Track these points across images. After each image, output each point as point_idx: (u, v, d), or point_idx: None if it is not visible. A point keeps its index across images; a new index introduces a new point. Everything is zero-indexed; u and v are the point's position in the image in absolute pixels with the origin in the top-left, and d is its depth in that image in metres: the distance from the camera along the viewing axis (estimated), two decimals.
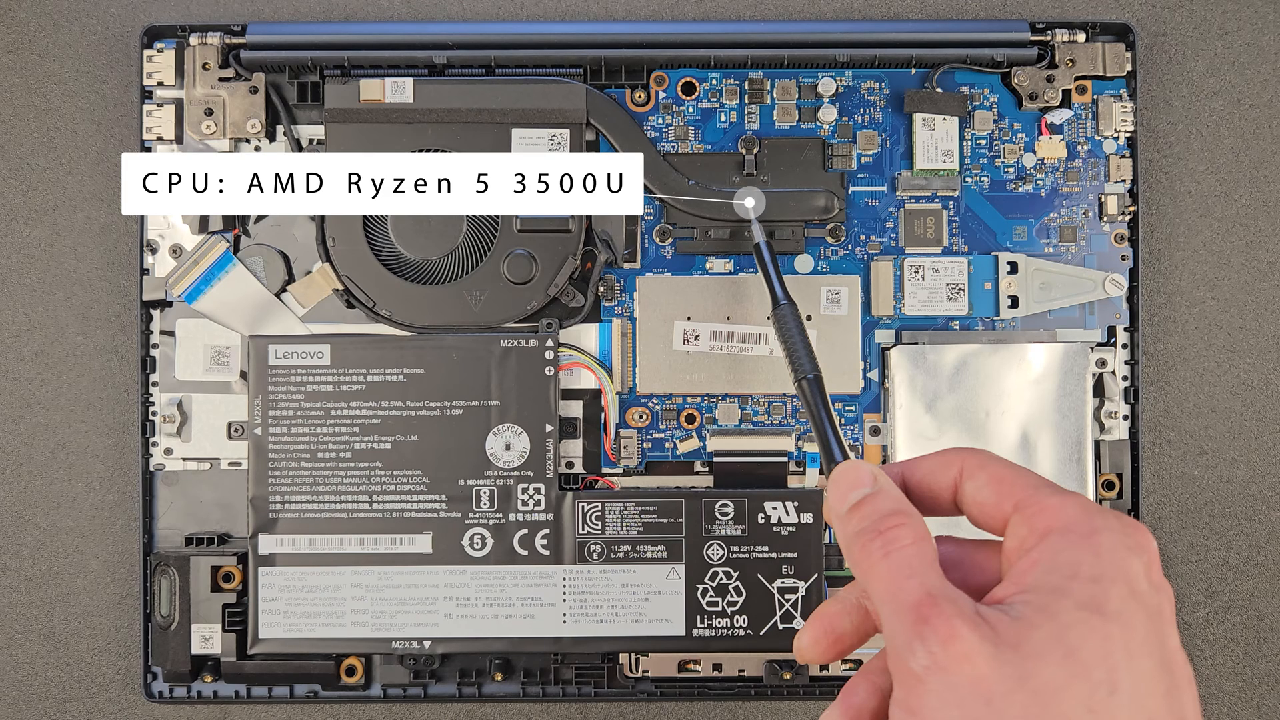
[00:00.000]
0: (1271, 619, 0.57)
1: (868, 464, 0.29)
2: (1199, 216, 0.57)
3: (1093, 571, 0.24)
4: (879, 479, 0.28)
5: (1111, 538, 0.25)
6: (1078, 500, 0.26)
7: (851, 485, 0.28)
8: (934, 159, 0.54)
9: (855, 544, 0.27)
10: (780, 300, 0.45)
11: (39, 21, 0.56)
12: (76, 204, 0.56)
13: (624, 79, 0.54)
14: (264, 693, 0.54)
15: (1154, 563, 0.25)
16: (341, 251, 0.54)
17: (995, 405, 0.53)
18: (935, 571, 0.26)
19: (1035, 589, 0.24)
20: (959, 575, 0.28)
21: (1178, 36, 0.57)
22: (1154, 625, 0.24)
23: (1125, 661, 0.23)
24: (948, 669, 0.24)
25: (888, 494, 0.28)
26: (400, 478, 0.53)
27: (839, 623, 0.29)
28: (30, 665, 0.56)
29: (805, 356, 0.41)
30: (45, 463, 0.56)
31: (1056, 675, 0.23)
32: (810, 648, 0.29)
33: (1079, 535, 0.25)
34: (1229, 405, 0.56)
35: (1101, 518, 0.25)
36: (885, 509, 0.27)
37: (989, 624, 0.24)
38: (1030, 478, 0.27)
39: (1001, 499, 0.27)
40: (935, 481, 0.29)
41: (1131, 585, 0.24)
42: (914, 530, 0.27)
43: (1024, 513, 0.26)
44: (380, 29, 0.54)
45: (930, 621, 0.24)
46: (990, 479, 0.27)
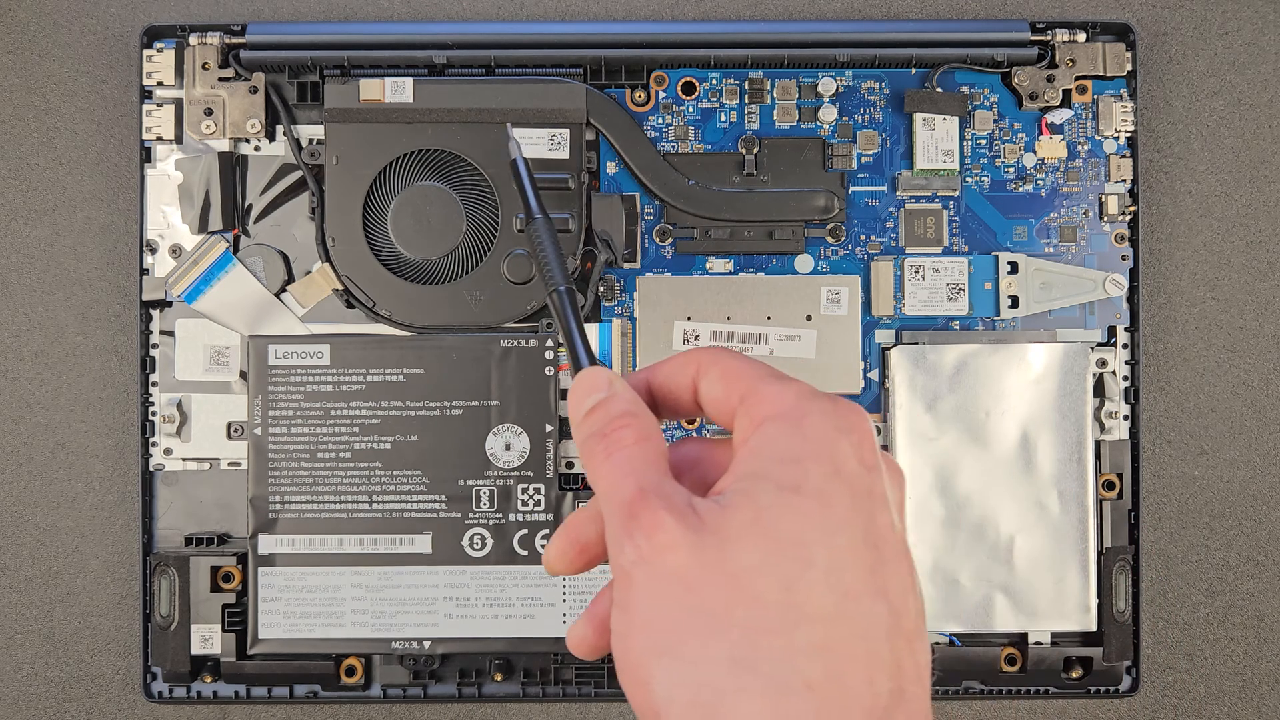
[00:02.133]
0: (1272, 619, 0.56)
1: (606, 370, 0.29)
2: (1199, 216, 0.57)
3: (796, 453, 0.24)
4: (614, 384, 0.28)
5: (820, 419, 0.25)
6: (795, 386, 0.26)
7: (589, 390, 0.28)
8: (934, 159, 0.54)
9: (584, 447, 0.27)
10: (535, 214, 0.46)
11: (39, 21, 0.56)
12: (76, 204, 0.56)
13: (624, 79, 0.54)
14: (264, 693, 0.54)
15: (865, 442, 0.25)
16: (341, 251, 0.54)
17: (995, 405, 0.53)
18: (655, 469, 0.26)
19: (744, 475, 0.25)
20: (700, 473, 0.28)
21: (1178, 36, 0.57)
22: (860, 503, 0.24)
23: (822, 538, 0.23)
24: (651, 561, 0.24)
25: (620, 397, 0.28)
26: (400, 478, 0.53)
27: (585, 531, 0.28)
28: (30, 665, 0.56)
29: (558, 269, 0.41)
30: (45, 463, 0.56)
31: (752, 556, 0.23)
32: (558, 559, 0.28)
33: (790, 420, 0.25)
34: (1229, 405, 0.56)
35: (813, 400, 0.25)
36: (616, 411, 0.27)
37: (697, 514, 0.24)
38: (758, 369, 0.27)
39: (730, 393, 0.27)
40: (675, 383, 0.28)
41: (837, 465, 0.24)
42: (638, 430, 0.27)
43: (746, 403, 0.26)
44: (380, 29, 0.54)
45: (638, 517, 0.24)
46: (721, 374, 0.27)
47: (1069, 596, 0.53)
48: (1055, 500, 0.53)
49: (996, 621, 0.53)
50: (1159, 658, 0.56)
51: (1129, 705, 0.56)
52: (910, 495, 0.53)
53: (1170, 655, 0.56)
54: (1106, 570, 0.53)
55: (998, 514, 0.53)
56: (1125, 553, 0.54)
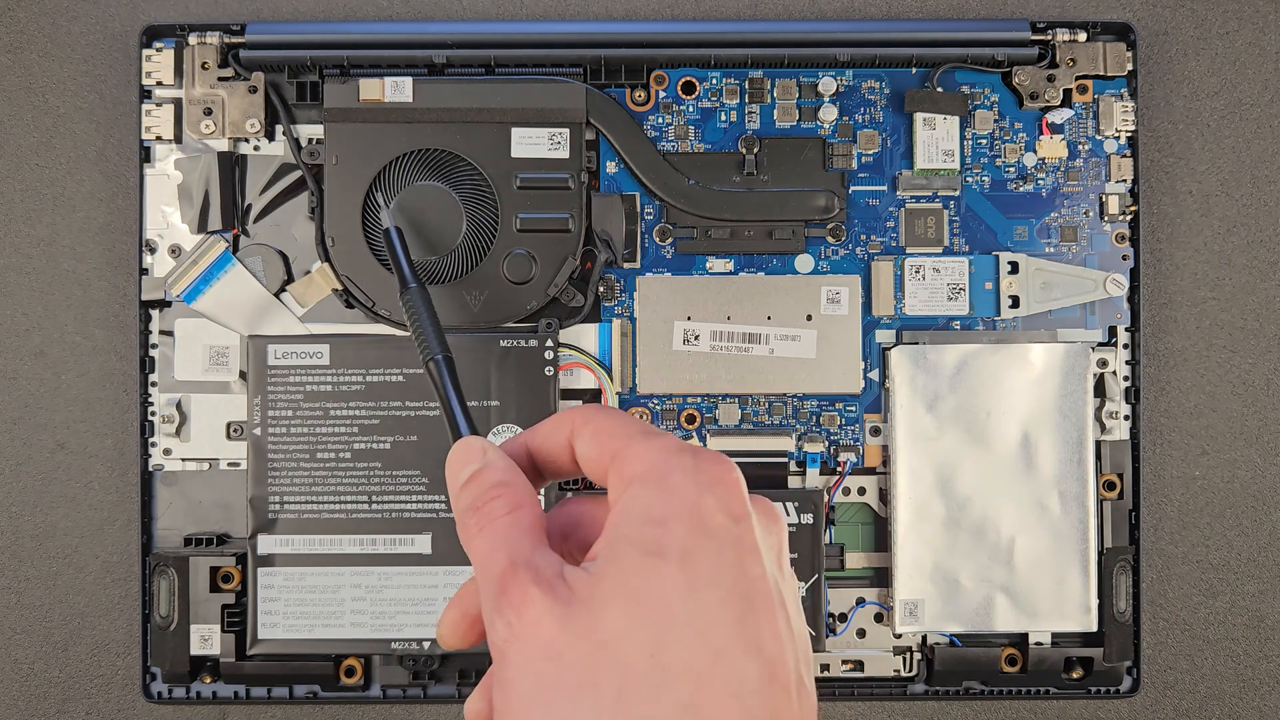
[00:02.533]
0: (1272, 620, 0.56)
1: (480, 440, 0.28)
2: (1200, 216, 0.56)
3: (659, 513, 0.24)
4: (488, 453, 0.28)
5: (683, 477, 0.24)
6: (661, 443, 0.25)
7: (464, 462, 0.28)
8: (934, 158, 0.54)
9: (459, 521, 0.27)
10: (410, 283, 0.46)
11: (38, 21, 0.56)
12: (75, 204, 0.56)
13: (624, 78, 0.54)
14: (263, 693, 0.54)
15: (732, 493, 0.24)
16: (340, 251, 0.54)
17: (996, 405, 0.53)
18: (528, 539, 0.25)
19: (613, 540, 0.24)
20: (582, 534, 0.28)
21: (1179, 36, 0.57)
22: (728, 556, 0.24)
23: (685, 598, 0.23)
24: (522, 637, 0.23)
25: (494, 466, 0.27)
26: (400, 478, 0.53)
27: (474, 603, 0.28)
28: (29, 665, 0.56)
29: (434, 337, 0.41)
30: (44, 463, 0.56)
31: (618, 623, 0.23)
32: (450, 631, 0.28)
33: (654, 479, 0.24)
34: (1230, 405, 0.56)
35: (678, 457, 0.25)
36: (489, 482, 0.27)
37: (568, 585, 0.24)
38: (628, 426, 0.26)
39: (602, 452, 0.26)
40: (552, 445, 0.28)
41: (703, 521, 0.24)
42: (510, 500, 0.26)
43: (616, 462, 0.26)
44: (380, 28, 0.54)
45: (508, 592, 0.24)
46: (594, 433, 0.27)
47: (1069, 597, 0.52)
48: (1056, 500, 0.52)
49: (997, 622, 0.53)
50: (1159, 658, 0.56)
51: (1130, 706, 0.56)
52: (910, 495, 0.53)
53: (1171, 656, 0.56)
54: (1107, 570, 0.53)
55: (998, 514, 0.52)
56: (1126, 553, 0.54)
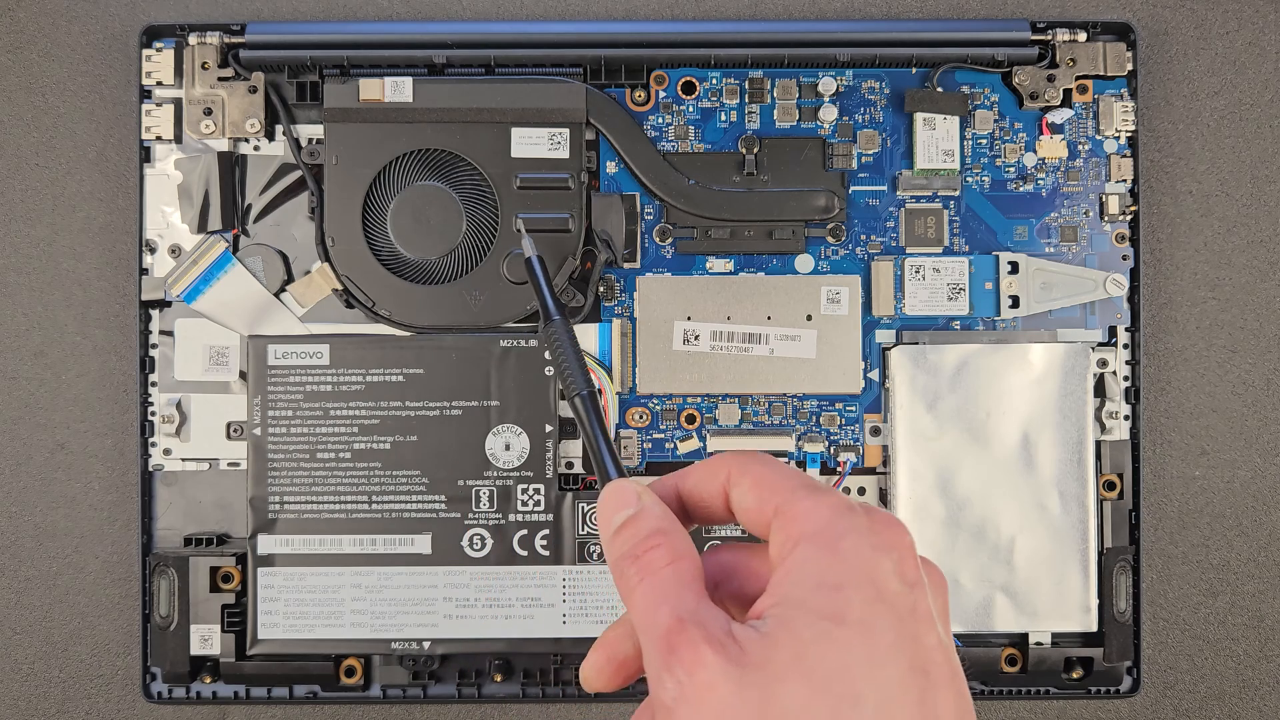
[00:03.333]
0: (1273, 620, 0.56)
1: (634, 482, 0.28)
2: (1200, 216, 0.56)
3: (835, 579, 0.23)
4: (643, 497, 0.27)
5: (856, 539, 0.24)
6: (830, 501, 0.25)
7: (617, 507, 0.27)
8: (935, 158, 0.54)
9: (616, 569, 0.26)
10: (553, 315, 0.44)
11: (38, 21, 0.56)
12: (75, 204, 0.56)
13: (624, 78, 0.54)
14: (263, 693, 0.54)
15: (906, 559, 0.24)
16: (341, 251, 0.54)
17: (996, 405, 0.53)
18: (691, 592, 0.25)
19: (784, 602, 0.24)
20: (735, 585, 0.27)
21: (1179, 36, 0.57)
22: (905, 627, 0.23)
23: (868, 672, 0.22)
24: (694, 699, 0.23)
25: (649, 512, 0.27)
26: (400, 478, 0.53)
27: (621, 647, 0.28)
28: (29, 665, 0.56)
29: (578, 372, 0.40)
30: (44, 463, 0.56)
31: (797, 695, 0.22)
32: (595, 676, 0.28)
33: (825, 540, 0.24)
34: (1230, 405, 0.56)
35: (849, 519, 0.24)
36: (646, 530, 0.26)
37: (738, 644, 0.23)
38: (790, 480, 0.26)
39: (763, 504, 0.26)
40: (705, 491, 0.28)
41: (879, 588, 0.23)
42: (671, 550, 0.26)
43: (781, 518, 0.25)
44: (380, 28, 0.54)
45: (677, 650, 0.23)
46: (753, 484, 0.26)
47: (1070, 597, 0.52)
48: (1056, 500, 0.52)
49: (997, 622, 0.52)
50: (1160, 658, 0.56)
51: (1130, 706, 0.56)
52: (910, 495, 0.53)
53: (1171, 656, 0.56)
54: (1107, 570, 0.53)
55: (998, 514, 0.52)
56: (1126, 553, 0.54)
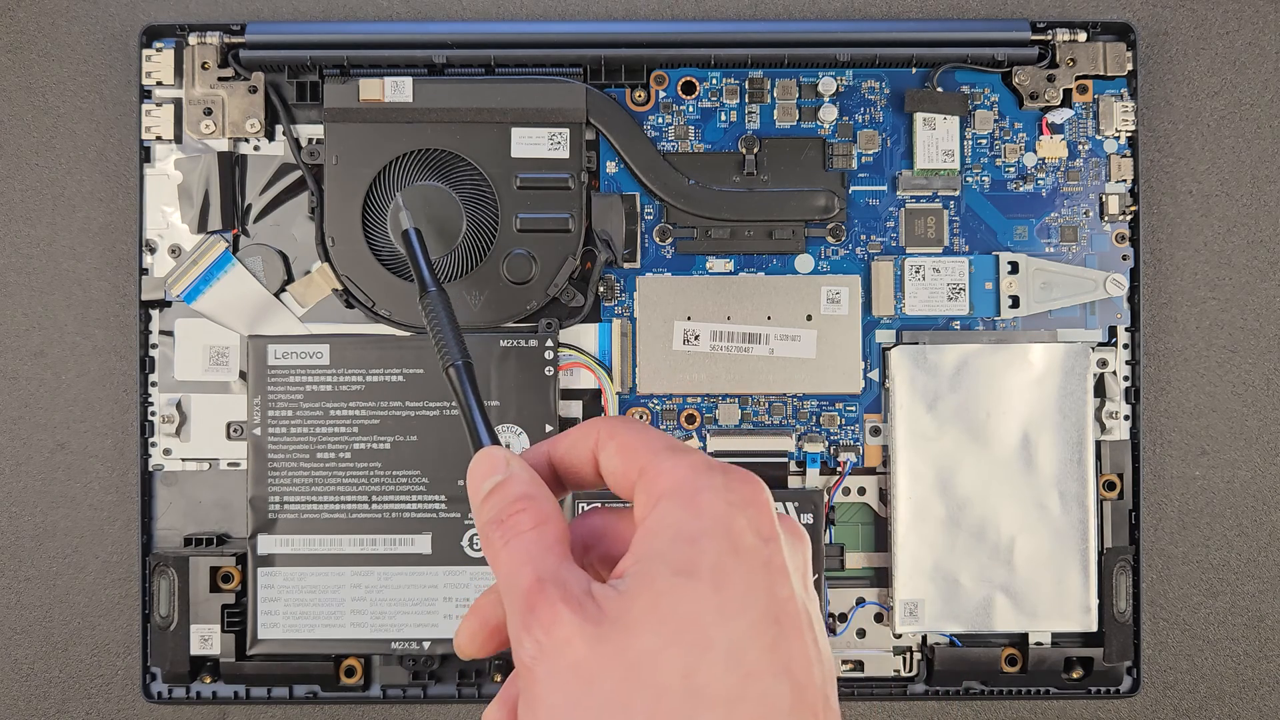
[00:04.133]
0: (1272, 620, 0.56)
1: (502, 450, 0.28)
2: (1200, 216, 0.56)
3: (691, 532, 0.24)
4: (511, 464, 0.28)
5: (713, 495, 0.24)
6: (690, 460, 0.25)
7: (486, 473, 0.28)
8: (935, 158, 0.54)
9: (483, 533, 0.27)
10: (429, 287, 0.45)
11: (38, 21, 0.56)
12: (75, 204, 0.56)
13: (624, 78, 0.54)
14: (263, 693, 0.54)
15: (761, 514, 0.25)
16: (340, 251, 0.54)
17: (996, 405, 0.53)
18: (553, 554, 0.25)
19: (642, 558, 0.24)
20: (604, 548, 0.28)
21: (1179, 36, 0.57)
22: (757, 578, 0.24)
23: (719, 620, 0.23)
24: (551, 655, 0.23)
25: (516, 478, 0.27)
26: (400, 478, 0.53)
27: (493, 613, 0.28)
28: (29, 666, 0.56)
29: (454, 342, 0.41)
30: (44, 463, 0.56)
31: (651, 644, 0.23)
32: (469, 642, 0.28)
33: (684, 497, 0.25)
34: (1230, 405, 0.56)
35: (707, 475, 0.25)
36: (512, 495, 0.27)
37: (596, 603, 0.24)
38: (655, 442, 0.26)
39: (629, 466, 0.26)
40: (575, 456, 0.28)
41: (734, 541, 0.24)
42: (536, 514, 0.26)
43: (644, 478, 0.26)
44: (380, 28, 0.54)
45: (535, 610, 0.24)
46: (619, 447, 0.27)
47: (1070, 597, 0.52)
48: (1056, 500, 0.52)
49: (997, 622, 0.52)
50: (1159, 658, 0.56)
51: (1130, 706, 0.56)
52: (910, 495, 0.53)
53: (1171, 656, 0.56)
54: (1107, 570, 0.53)
55: (998, 514, 0.52)
56: (1126, 553, 0.54)
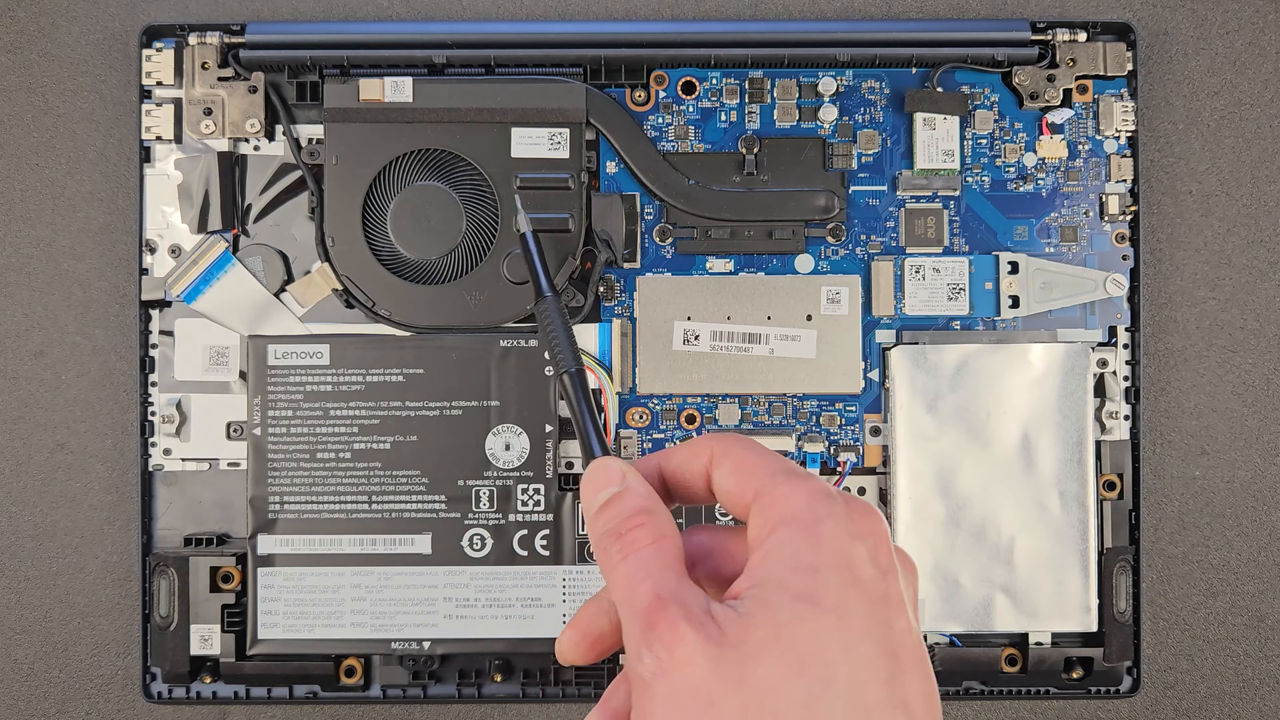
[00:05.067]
0: (1273, 620, 0.56)
1: (618, 461, 0.28)
2: (1200, 216, 0.56)
3: (811, 561, 0.24)
4: (627, 476, 0.28)
5: (834, 525, 0.25)
6: (808, 487, 0.26)
7: (600, 484, 0.28)
8: (935, 158, 0.54)
9: (599, 546, 0.27)
10: (545, 292, 0.45)
11: (38, 21, 0.56)
12: (75, 204, 0.56)
13: (624, 78, 0.54)
14: (263, 693, 0.54)
15: (880, 546, 0.25)
16: (341, 251, 0.54)
17: (996, 405, 0.53)
18: (672, 571, 0.25)
19: (761, 583, 0.24)
20: (712, 565, 0.28)
21: (1179, 36, 0.57)
22: (876, 611, 0.24)
23: (841, 653, 0.23)
24: (671, 674, 0.23)
25: (633, 491, 0.27)
26: (400, 478, 0.53)
27: (597, 623, 0.28)
28: (29, 666, 0.56)
29: (568, 350, 0.41)
30: (44, 463, 0.56)
31: (773, 673, 0.23)
32: (571, 650, 0.28)
33: (803, 525, 0.25)
34: (1230, 405, 0.56)
35: (827, 505, 0.25)
36: (630, 508, 0.27)
37: (716, 623, 0.24)
38: (770, 464, 0.26)
39: (743, 487, 0.27)
40: (687, 472, 0.28)
41: (854, 573, 0.24)
42: (654, 529, 0.26)
43: (760, 502, 0.26)
44: (380, 28, 0.54)
45: (656, 627, 0.24)
46: (734, 466, 0.27)
47: (1069, 597, 0.52)
48: (1056, 500, 0.52)
49: (997, 622, 0.52)
50: (1160, 658, 0.56)
51: (1130, 706, 0.56)
52: (910, 495, 0.53)
53: (1171, 656, 0.56)
54: (1107, 570, 0.53)
55: (998, 514, 0.52)
56: (1126, 553, 0.54)
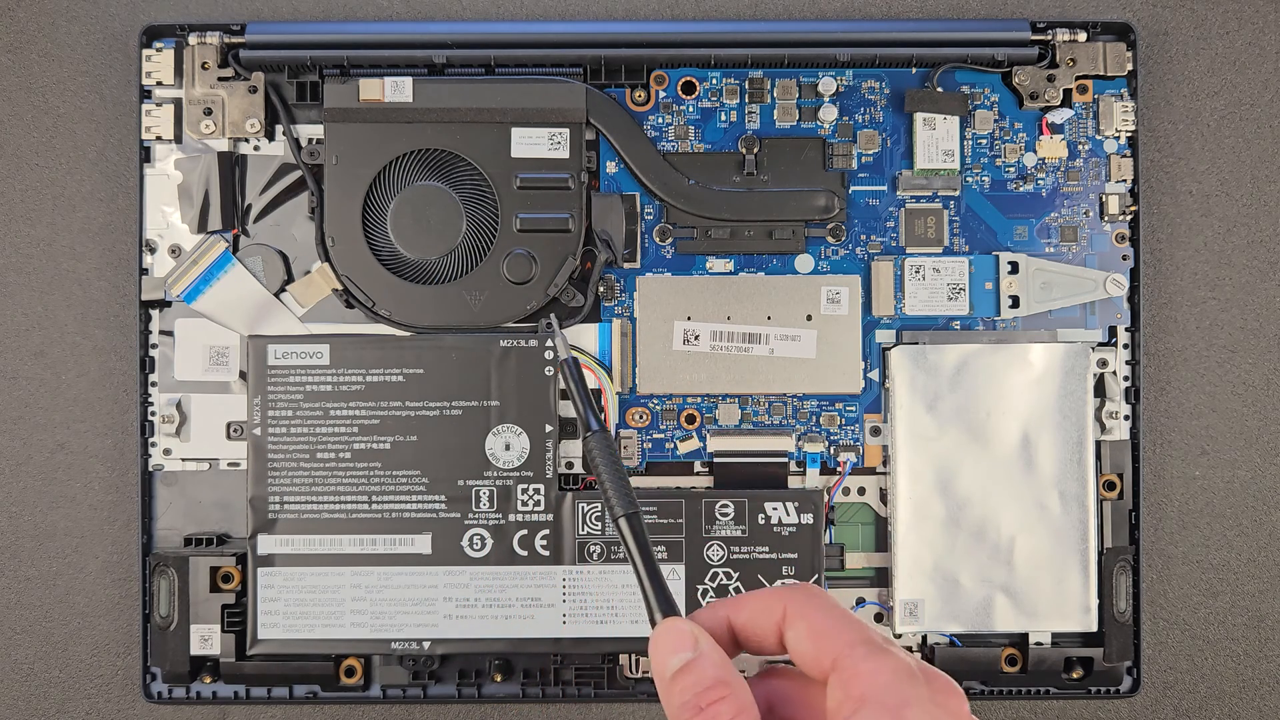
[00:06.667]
0: (1272, 619, 0.56)
1: (687, 623, 0.29)
2: (1200, 216, 0.56)
3: None
4: (700, 641, 0.28)
5: (920, 711, 0.25)
6: (891, 665, 0.26)
7: (673, 649, 0.28)
8: (935, 158, 0.54)
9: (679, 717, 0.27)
10: (591, 427, 0.39)
11: (38, 21, 0.56)
12: (75, 204, 0.56)
13: (624, 78, 0.54)
14: (263, 693, 0.54)
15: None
16: (341, 251, 0.54)
17: (996, 405, 0.53)
18: None
19: None
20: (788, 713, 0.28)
21: (1179, 36, 0.57)
22: None
23: None
24: None
25: (709, 659, 0.28)
26: (400, 478, 0.53)
27: None
28: (29, 666, 0.56)
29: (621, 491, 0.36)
30: (44, 463, 0.56)
31: None
32: None
33: (888, 710, 0.25)
34: (1230, 405, 0.56)
35: (911, 687, 0.26)
36: (708, 679, 0.27)
37: None
38: (847, 631, 0.27)
39: (820, 654, 0.27)
40: (758, 626, 0.29)
41: None
42: (735, 703, 0.27)
43: (840, 674, 0.26)
44: (380, 28, 0.54)
45: None
46: (809, 630, 0.27)
47: (1069, 597, 0.52)
48: (1056, 500, 0.52)
49: (997, 622, 0.52)
50: (1160, 658, 0.56)
51: (1130, 706, 0.56)
52: (910, 495, 0.53)
53: (1171, 656, 0.56)
54: (1107, 570, 0.53)
55: (998, 514, 0.52)
56: (1126, 553, 0.54)
